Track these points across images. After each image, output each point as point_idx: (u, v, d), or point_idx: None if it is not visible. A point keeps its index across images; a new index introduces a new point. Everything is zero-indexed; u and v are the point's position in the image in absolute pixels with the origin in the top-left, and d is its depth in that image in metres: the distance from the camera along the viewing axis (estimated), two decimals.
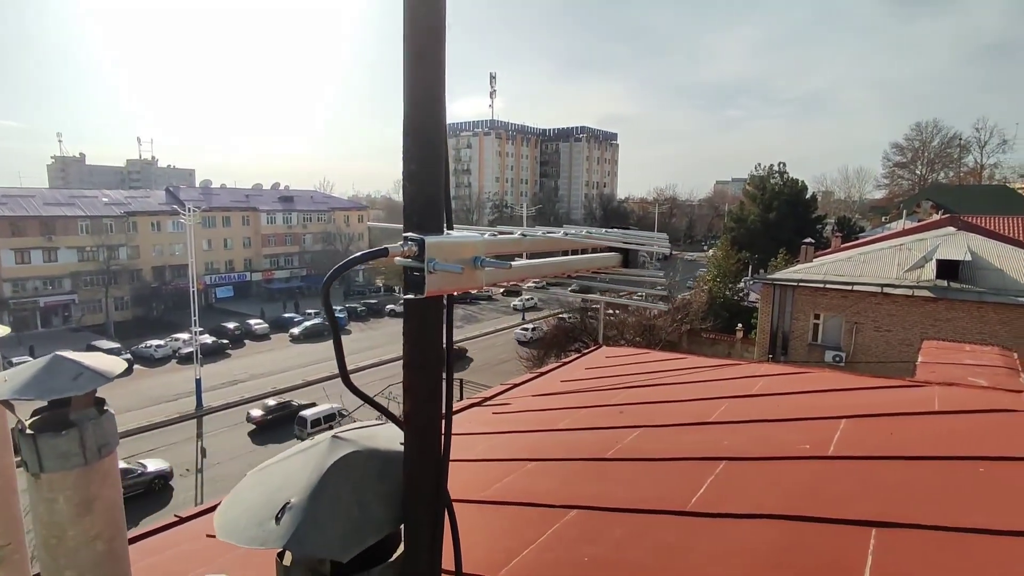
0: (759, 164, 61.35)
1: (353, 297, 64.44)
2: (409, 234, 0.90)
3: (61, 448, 1.14)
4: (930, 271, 19.87)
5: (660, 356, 6.75)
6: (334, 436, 1.02)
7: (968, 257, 19.76)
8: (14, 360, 22.79)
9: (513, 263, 1.05)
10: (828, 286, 21.11)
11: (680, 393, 4.39)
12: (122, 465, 27.17)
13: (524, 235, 1.06)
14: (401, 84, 0.93)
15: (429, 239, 0.89)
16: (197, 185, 76.86)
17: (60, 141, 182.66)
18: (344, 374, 0.94)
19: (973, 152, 77.45)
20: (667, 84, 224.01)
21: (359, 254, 0.97)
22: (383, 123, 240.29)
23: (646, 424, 3.59)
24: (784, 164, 57.73)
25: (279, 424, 29.97)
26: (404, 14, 0.89)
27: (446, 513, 1.02)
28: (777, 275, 23.87)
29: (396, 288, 67.47)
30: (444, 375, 0.99)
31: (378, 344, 46.13)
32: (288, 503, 0.88)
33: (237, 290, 65.40)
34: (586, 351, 7.56)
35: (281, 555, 0.94)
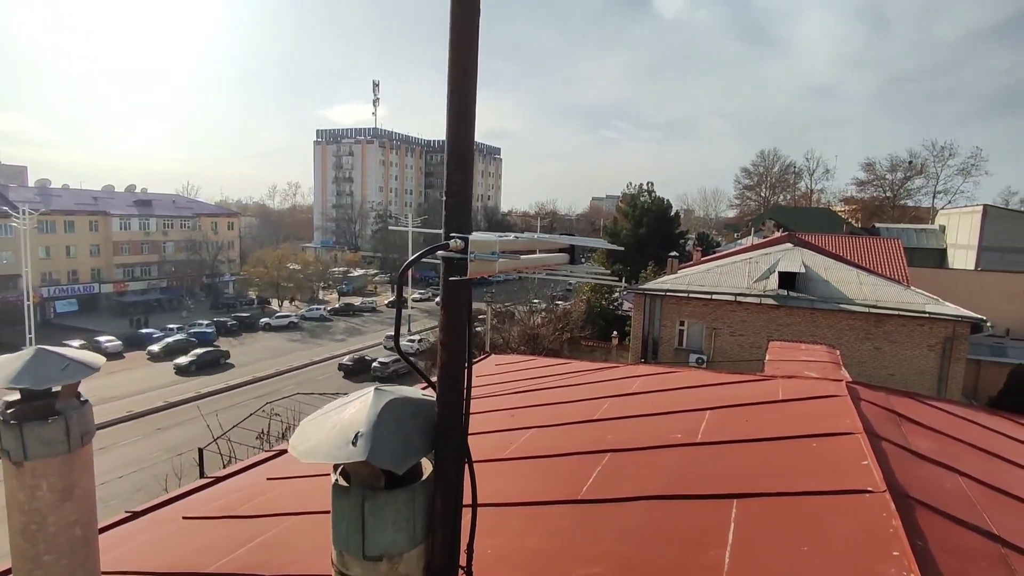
0: (630, 183, 65.96)
1: (222, 310, 59.51)
2: (456, 234, 1.21)
3: (47, 436, 1.15)
4: (773, 282, 22.57)
5: (546, 362, 7.09)
6: (376, 388, 1.30)
7: (803, 270, 22.75)
8: None
9: (517, 259, 1.41)
10: (691, 296, 23.20)
11: (567, 395, 4.67)
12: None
13: (517, 237, 1.42)
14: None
15: (472, 237, 1.20)
16: (31, 184, 66.78)
17: None
18: (396, 341, 1.31)
19: (804, 179, 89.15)
20: (549, 103, 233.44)
21: (426, 248, 1.25)
22: (256, 126, 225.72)
23: (538, 425, 3.80)
24: (652, 184, 62.46)
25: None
26: (449, 69, 1.18)
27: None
28: (647, 286, 25.76)
29: (272, 300, 63.37)
30: (467, 336, 1.31)
31: (253, 360, 43.04)
32: (359, 432, 1.15)
33: (83, 303, 57.69)
34: (476, 359, 7.72)
35: (336, 483, 1.21)
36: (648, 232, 56.42)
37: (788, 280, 22.24)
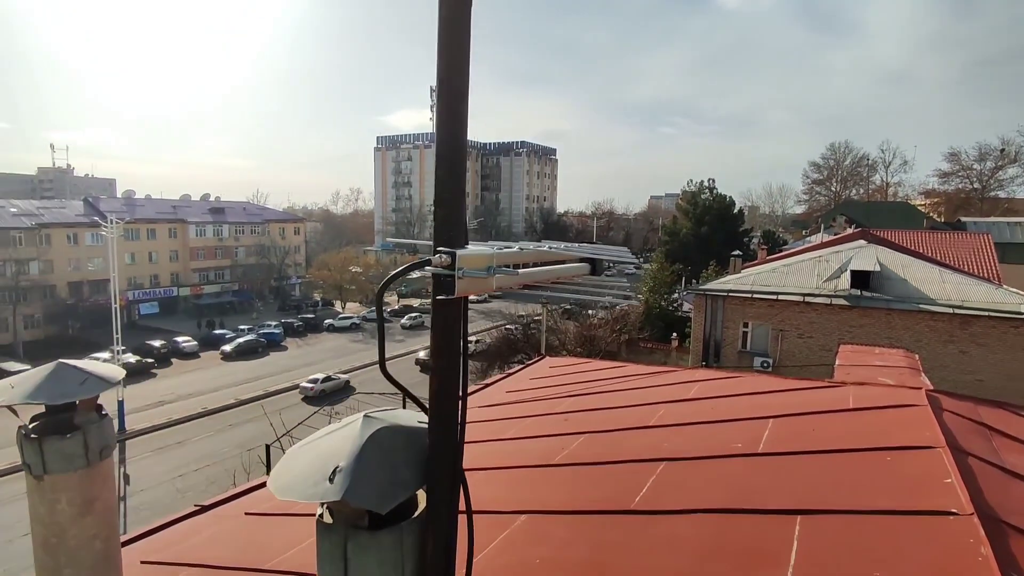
0: (691, 180, 64.28)
1: (288, 312, 62.21)
2: (443, 248, 1.10)
3: (66, 450, 1.17)
4: (845, 281, 21.36)
5: (601, 365, 6.95)
6: (366, 415, 1.20)
7: (877, 268, 21.41)
8: None
9: (517, 272, 1.30)
10: (755, 296, 22.30)
11: (621, 400, 4.56)
12: None
13: (521, 249, 1.31)
14: (440, 120, 1.15)
15: (460, 252, 1.09)
16: (119, 195, 72.26)
17: None
18: (382, 363, 1.20)
19: (879, 171, 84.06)
20: (605, 101, 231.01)
21: (407, 265, 1.17)
22: (320, 133, 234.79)
23: (590, 430, 3.71)
24: (713, 180, 60.75)
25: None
26: (437, 70, 1.09)
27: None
28: (709, 286, 24.97)
29: (335, 302, 65.74)
30: (463, 362, 1.19)
31: (316, 360, 44.71)
32: (337, 467, 1.06)
33: (163, 306, 61.77)
34: (530, 362, 7.68)
35: (321, 517, 1.12)
36: (710, 230, 54.87)
37: (861, 279, 21.00)
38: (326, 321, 56.91)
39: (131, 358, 39.92)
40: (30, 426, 1.16)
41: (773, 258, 32.80)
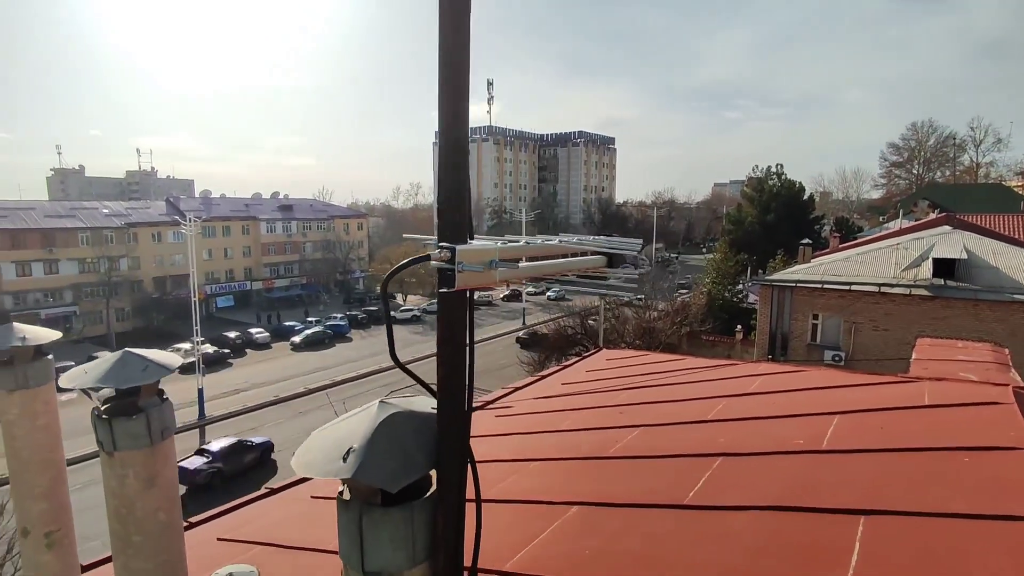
0: (756, 166, 61.81)
1: (353, 305, 64.49)
2: (444, 243, 1.20)
3: (132, 430, 1.31)
4: (927, 270, 19.96)
5: (659, 358, 6.83)
6: (381, 401, 1.30)
7: (964, 255, 19.83)
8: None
9: (520, 265, 1.39)
10: (826, 286, 21.21)
11: (679, 393, 4.47)
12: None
13: (528, 242, 1.35)
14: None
15: (459, 247, 1.19)
16: (197, 195, 77.34)
17: (59, 153, 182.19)
18: (392, 351, 1.29)
19: (969, 151, 77.81)
20: (665, 87, 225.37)
21: (409, 260, 1.27)
22: (381, 130, 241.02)
23: (646, 423, 3.67)
24: (782, 166, 58.02)
25: None
26: (439, 66, 1.16)
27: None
28: (775, 276, 23.97)
29: (396, 294, 67.55)
30: (467, 351, 1.27)
31: (379, 351, 46.11)
32: (351, 448, 1.15)
33: (238, 299, 65.41)
34: (586, 354, 7.64)
35: (341, 494, 1.21)
36: (776, 218, 52.62)
37: (945, 267, 19.59)
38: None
39: (209, 348, 42.50)
40: (102, 408, 1.31)
41: (846, 246, 31.12)
